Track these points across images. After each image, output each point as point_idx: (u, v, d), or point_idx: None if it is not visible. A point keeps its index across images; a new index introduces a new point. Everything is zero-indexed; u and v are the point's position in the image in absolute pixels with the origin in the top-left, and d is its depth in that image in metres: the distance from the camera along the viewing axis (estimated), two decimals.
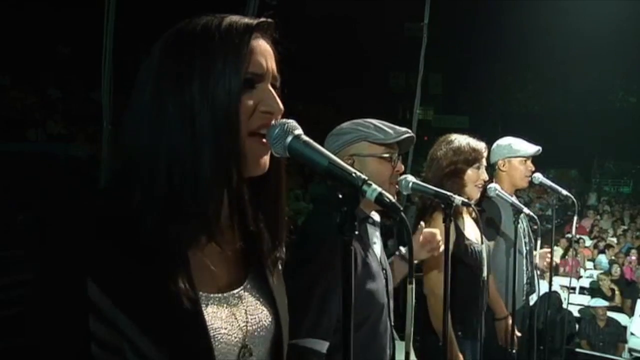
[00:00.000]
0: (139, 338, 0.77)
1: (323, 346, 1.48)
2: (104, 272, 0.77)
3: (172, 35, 0.86)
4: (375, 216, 1.76)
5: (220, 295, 0.88)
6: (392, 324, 1.75)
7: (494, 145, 3.05)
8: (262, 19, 0.88)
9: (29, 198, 7.94)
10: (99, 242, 0.77)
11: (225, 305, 0.88)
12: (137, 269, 0.78)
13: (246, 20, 0.86)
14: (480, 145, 2.50)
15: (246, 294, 0.93)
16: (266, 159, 0.87)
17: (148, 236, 0.79)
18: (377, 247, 1.74)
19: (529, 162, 3.01)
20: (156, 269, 0.79)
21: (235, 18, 0.86)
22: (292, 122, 0.84)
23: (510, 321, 2.72)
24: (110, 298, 0.76)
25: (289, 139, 0.82)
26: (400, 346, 1.80)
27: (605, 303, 6.12)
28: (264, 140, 0.85)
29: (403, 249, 2.03)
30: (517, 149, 3.01)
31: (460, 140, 2.49)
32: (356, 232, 0.78)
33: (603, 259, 9.15)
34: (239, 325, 0.88)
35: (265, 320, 0.94)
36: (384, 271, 1.73)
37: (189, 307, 0.80)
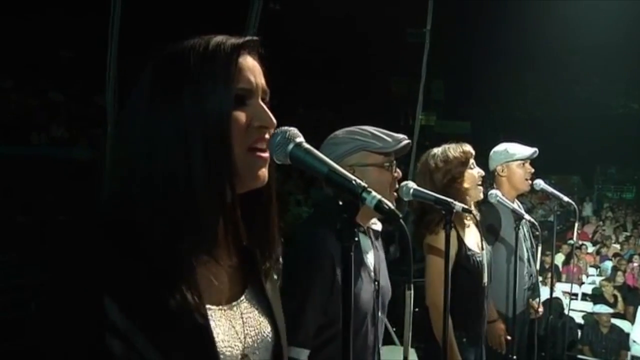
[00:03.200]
0: (152, 353, 0.77)
1: (301, 354, 1.48)
2: (120, 288, 0.77)
3: (160, 59, 0.88)
4: (376, 225, 1.75)
5: (220, 307, 0.89)
6: (379, 339, 1.71)
7: (491, 152, 3.06)
8: (249, 38, 0.90)
9: (31, 201, 7.98)
10: (112, 258, 0.77)
11: (225, 318, 0.89)
12: (149, 285, 0.79)
13: (232, 40, 0.88)
14: (467, 146, 2.50)
15: (245, 305, 0.94)
16: (264, 171, 0.88)
17: (156, 254, 0.80)
18: (370, 257, 1.71)
19: (527, 165, 3.01)
20: (166, 285, 0.80)
21: (221, 38, 0.88)
22: (294, 130, 0.85)
23: (501, 325, 2.72)
24: (126, 315, 0.76)
25: (291, 146, 0.83)
26: (399, 350, 1.80)
27: (609, 310, 6.09)
28: (262, 154, 0.87)
29: None
30: (513, 153, 3.02)
31: (445, 149, 2.49)
32: (356, 239, 0.78)
33: (609, 265, 9.09)
34: (238, 337, 0.90)
35: (264, 331, 0.95)
36: (376, 282, 1.69)
37: (199, 321, 0.81)
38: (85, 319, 0.76)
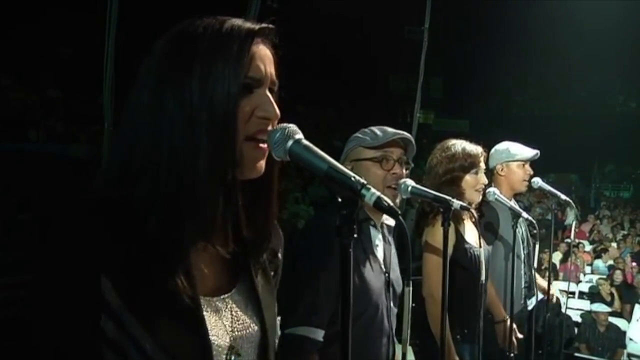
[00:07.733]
0: (142, 337, 0.77)
1: (318, 334, 1.53)
2: (115, 269, 0.77)
3: (173, 35, 0.87)
4: (389, 220, 1.81)
5: (209, 299, 0.89)
6: (393, 327, 1.76)
7: (492, 150, 3.06)
8: (264, 25, 0.88)
9: (30, 198, 7.96)
10: (108, 240, 0.77)
11: (213, 309, 0.89)
12: (143, 267, 0.79)
13: (248, 24, 0.87)
14: (477, 150, 2.49)
15: (234, 300, 0.93)
16: (262, 163, 0.88)
17: (152, 236, 0.79)
18: (380, 250, 1.77)
19: (527, 166, 3.02)
20: (161, 269, 0.80)
21: (237, 22, 0.87)
22: (293, 127, 0.85)
23: (509, 324, 2.72)
24: (120, 296, 0.77)
25: (290, 143, 0.83)
26: (397, 348, 1.82)
27: (607, 308, 6.12)
28: (261, 145, 0.86)
29: None
30: (514, 153, 3.02)
31: (456, 146, 2.48)
32: (355, 236, 0.78)
33: (601, 264, 9.14)
34: (226, 329, 0.89)
35: (251, 326, 0.94)
36: (386, 274, 1.76)
37: (191, 307, 0.82)
38: (83, 297, 0.76)
